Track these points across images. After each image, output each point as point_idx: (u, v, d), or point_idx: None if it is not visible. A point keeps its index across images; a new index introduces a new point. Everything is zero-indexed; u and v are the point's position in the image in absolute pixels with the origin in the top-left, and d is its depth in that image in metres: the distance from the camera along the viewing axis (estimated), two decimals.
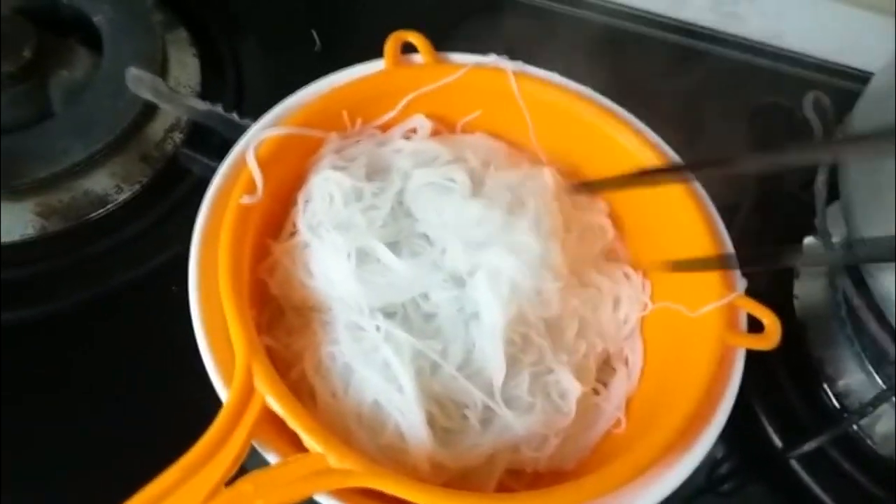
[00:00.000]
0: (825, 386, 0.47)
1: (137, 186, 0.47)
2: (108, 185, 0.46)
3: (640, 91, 0.46)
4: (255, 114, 0.41)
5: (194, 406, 0.32)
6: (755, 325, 0.38)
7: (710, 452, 0.46)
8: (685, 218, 0.40)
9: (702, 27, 0.65)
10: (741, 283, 0.39)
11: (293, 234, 0.39)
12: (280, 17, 0.59)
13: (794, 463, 0.44)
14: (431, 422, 0.35)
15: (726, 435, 0.46)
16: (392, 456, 0.34)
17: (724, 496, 0.46)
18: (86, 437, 0.39)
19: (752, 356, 0.44)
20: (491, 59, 0.44)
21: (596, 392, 0.40)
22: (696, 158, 0.41)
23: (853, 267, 0.41)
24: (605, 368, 0.42)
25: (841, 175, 0.42)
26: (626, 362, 0.41)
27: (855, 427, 0.45)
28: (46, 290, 0.43)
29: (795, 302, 0.49)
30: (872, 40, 0.44)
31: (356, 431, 0.34)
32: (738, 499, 0.47)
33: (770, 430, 0.46)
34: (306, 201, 0.39)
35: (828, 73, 0.62)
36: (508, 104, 0.44)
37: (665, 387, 0.38)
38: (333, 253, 0.36)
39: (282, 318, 0.39)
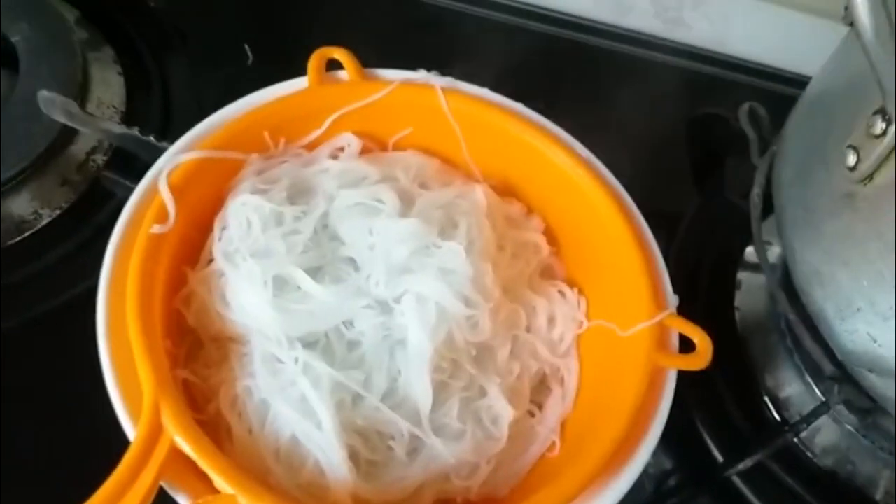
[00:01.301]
0: (766, 399, 0.47)
1: (58, 211, 0.45)
2: (26, 209, 0.45)
3: (577, 102, 0.46)
4: (181, 134, 0.39)
5: (106, 445, 0.30)
6: (689, 344, 0.38)
7: (656, 467, 0.46)
8: (618, 235, 0.39)
9: (646, 34, 0.65)
10: (673, 301, 0.38)
11: (210, 262, 0.37)
12: (212, 32, 0.57)
13: (734, 478, 0.44)
14: (354, 456, 0.34)
15: (670, 450, 0.47)
16: (313, 493, 0.33)
17: None
18: None
19: (693, 375, 0.43)
20: (420, 74, 0.43)
21: (531, 414, 0.40)
22: None
23: (789, 282, 0.41)
24: (541, 388, 0.41)
25: (774, 190, 0.42)
26: (562, 382, 0.41)
27: (795, 440, 0.45)
28: None
29: (736, 314, 0.49)
30: (814, 44, 0.44)
31: (274, 469, 0.33)
32: None
33: (711, 445, 0.45)
34: (223, 228, 0.37)
35: (770, 78, 0.62)
36: (440, 121, 0.43)
37: (598, 408, 0.38)
38: (249, 282, 0.35)
39: (201, 350, 0.37)
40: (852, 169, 0.33)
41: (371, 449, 0.34)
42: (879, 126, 0.31)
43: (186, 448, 0.30)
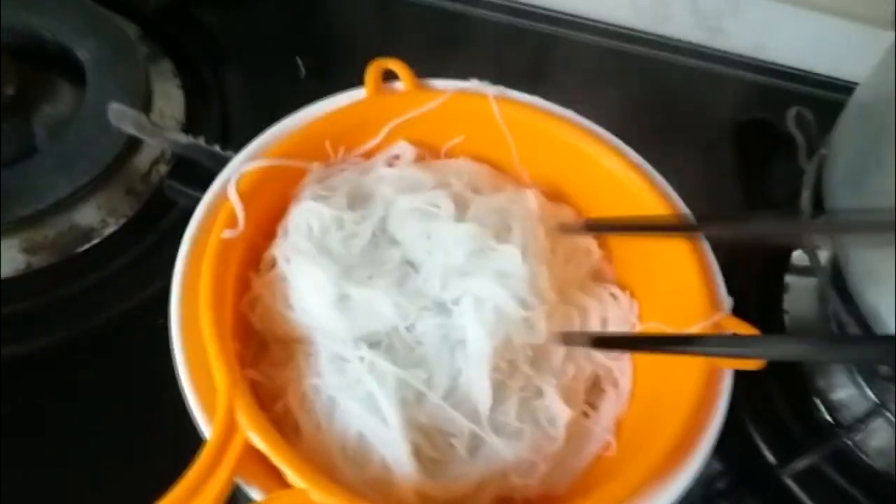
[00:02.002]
0: (817, 401, 0.47)
1: (123, 220, 0.47)
2: (93, 219, 0.46)
3: (625, 110, 0.46)
4: (240, 144, 0.41)
5: (180, 442, 0.31)
6: None
7: (706, 469, 0.46)
8: (674, 245, 0.40)
9: (687, 42, 0.65)
10: (727, 303, 0.39)
11: (273, 266, 0.39)
12: (265, 47, 0.59)
13: (787, 480, 0.44)
14: (417, 452, 0.34)
15: (720, 452, 0.47)
16: (378, 488, 0.34)
17: None
18: (71, 474, 0.39)
19: (744, 377, 0.44)
20: (472, 84, 0.44)
21: (585, 415, 0.40)
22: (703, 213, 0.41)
23: (841, 282, 0.41)
24: (595, 390, 0.41)
25: (825, 193, 0.42)
26: (616, 384, 0.41)
27: (849, 442, 0.45)
28: (33, 327, 0.43)
29: (785, 317, 0.49)
30: (856, 51, 0.44)
31: (341, 465, 0.34)
32: None
33: (763, 447, 0.45)
34: (285, 233, 0.39)
35: (812, 84, 0.62)
36: (491, 128, 0.44)
37: (654, 409, 0.38)
38: (311, 284, 0.36)
39: (266, 351, 0.39)
40: None
41: (433, 446, 0.35)
42: None
43: (260, 444, 0.31)
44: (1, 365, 0.42)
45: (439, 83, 0.44)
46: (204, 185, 0.39)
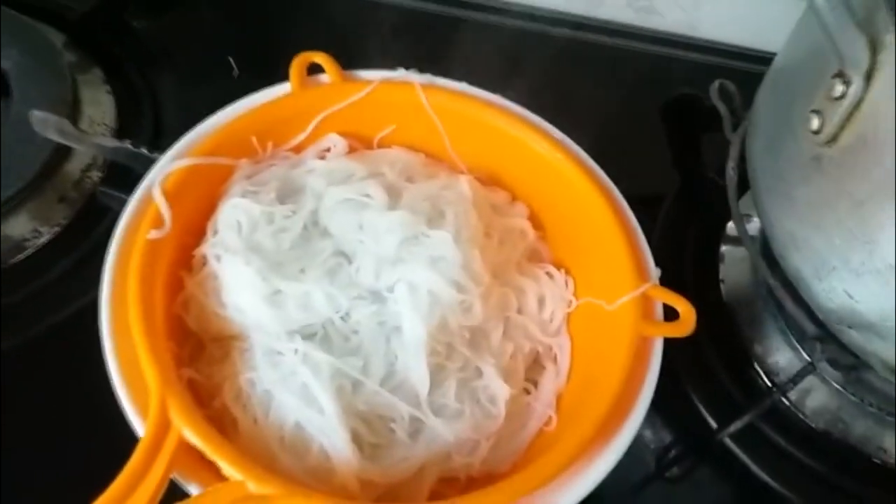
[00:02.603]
0: (756, 366, 0.48)
1: (57, 228, 0.47)
2: (25, 229, 0.46)
3: (555, 94, 0.47)
4: (171, 146, 0.41)
5: (117, 445, 0.31)
6: (675, 315, 0.39)
7: (656, 440, 0.47)
8: (598, 213, 0.41)
9: (619, 24, 0.66)
10: (655, 274, 0.40)
11: (204, 265, 0.38)
12: (197, 49, 0.59)
13: (730, 443, 0.45)
14: (357, 439, 0.35)
15: (668, 423, 0.48)
16: (319, 477, 0.34)
17: (671, 482, 0.47)
18: (9, 478, 0.39)
19: (683, 343, 0.44)
20: (399, 73, 0.45)
21: (527, 392, 0.41)
22: None
23: (769, 250, 0.42)
24: (535, 367, 0.42)
25: (747, 162, 0.43)
26: (555, 360, 0.42)
27: (784, 401, 0.46)
28: None
29: (722, 286, 0.50)
30: (781, 23, 0.45)
31: (280, 456, 0.34)
32: (686, 484, 0.47)
33: (706, 414, 0.46)
34: (214, 231, 0.39)
35: (743, 59, 0.64)
36: (422, 117, 0.44)
37: (590, 381, 0.39)
38: (242, 281, 0.36)
39: (203, 350, 0.39)
40: (817, 132, 0.34)
41: (373, 432, 0.36)
42: (839, 88, 0.33)
43: (194, 439, 0.31)
44: None
45: (367, 73, 0.45)
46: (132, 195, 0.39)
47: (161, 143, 0.48)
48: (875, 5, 0.31)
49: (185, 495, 0.31)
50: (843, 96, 0.32)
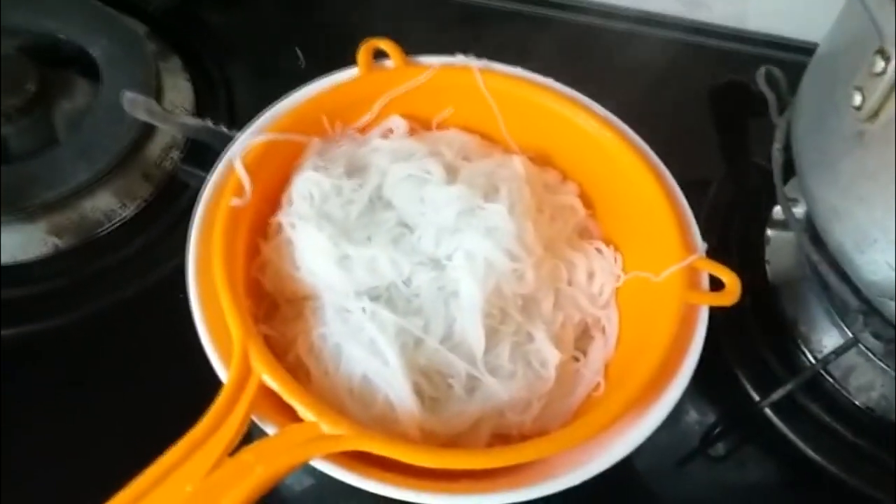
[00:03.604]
0: (801, 345, 0.49)
1: (141, 202, 0.50)
2: (112, 202, 0.50)
3: (605, 81, 0.49)
4: (246, 127, 0.44)
5: (200, 394, 0.35)
6: (720, 288, 0.41)
7: (701, 417, 0.49)
8: (646, 188, 0.43)
9: (667, 16, 0.68)
10: (702, 247, 0.42)
11: (279, 232, 0.42)
12: (266, 41, 0.63)
13: (774, 418, 0.46)
14: (419, 392, 0.38)
15: (712, 398, 0.49)
16: (384, 425, 0.37)
17: (715, 458, 0.48)
18: (106, 425, 0.43)
19: (729, 322, 0.46)
20: (458, 58, 0.47)
21: (576, 359, 0.43)
22: None
23: (813, 230, 0.44)
24: (585, 337, 0.44)
25: (792, 142, 0.45)
26: (604, 331, 0.44)
27: (831, 380, 0.47)
28: (63, 303, 0.47)
29: (767, 267, 0.52)
30: (824, 15, 0.46)
31: (349, 405, 0.37)
32: (730, 459, 0.48)
33: (750, 388, 0.48)
34: (289, 201, 0.42)
35: (788, 49, 0.65)
36: (478, 100, 0.47)
37: (637, 349, 0.41)
38: (315, 247, 0.40)
39: (277, 310, 0.42)
40: (859, 108, 0.36)
41: (433, 386, 0.38)
42: (879, 65, 0.34)
43: (273, 384, 0.34)
44: (34, 340, 0.46)
45: (427, 59, 0.47)
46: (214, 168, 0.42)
47: (235, 124, 0.52)
48: None
49: (264, 435, 0.34)
50: (883, 72, 0.34)
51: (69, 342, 0.46)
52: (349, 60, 0.46)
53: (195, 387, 0.35)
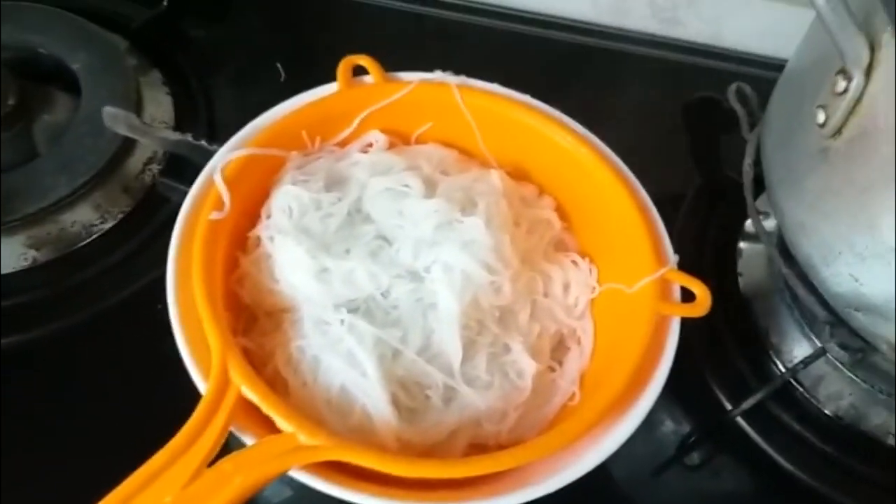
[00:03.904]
0: (772, 355, 0.50)
1: (120, 216, 0.51)
2: (92, 216, 0.50)
3: (581, 97, 0.50)
4: (226, 141, 0.45)
5: (178, 405, 0.35)
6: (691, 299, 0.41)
7: (673, 425, 0.50)
8: (619, 202, 0.44)
9: (644, 34, 0.70)
10: (673, 259, 0.43)
11: (257, 245, 0.42)
12: (247, 55, 0.63)
13: (746, 427, 0.47)
14: (396, 402, 0.38)
15: (685, 408, 0.50)
16: (361, 436, 0.37)
17: (688, 467, 0.49)
18: (84, 436, 0.43)
19: (701, 333, 0.47)
20: (436, 75, 0.48)
21: (552, 369, 0.44)
22: None
23: (782, 242, 0.45)
24: (560, 348, 0.45)
25: (762, 158, 0.46)
26: (579, 342, 0.45)
27: (801, 389, 0.49)
28: (42, 315, 0.47)
29: (740, 279, 0.53)
30: (796, 32, 0.48)
31: (327, 415, 0.37)
32: (702, 468, 0.49)
33: (722, 398, 0.49)
34: (268, 215, 0.42)
35: (760, 66, 0.66)
36: (456, 115, 0.48)
37: (612, 359, 0.42)
38: (294, 260, 0.40)
39: (255, 323, 0.42)
40: (823, 125, 0.37)
41: (410, 397, 0.39)
42: (841, 84, 0.35)
43: (251, 395, 0.35)
44: (11, 352, 0.46)
45: (406, 75, 0.48)
46: (194, 182, 0.42)
47: (214, 137, 0.52)
48: (873, 7, 0.34)
49: (242, 446, 0.35)
50: (845, 91, 0.35)
51: (47, 354, 0.46)
52: (329, 76, 0.47)
53: (173, 398, 0.35)
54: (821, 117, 0.37)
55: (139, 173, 0.52)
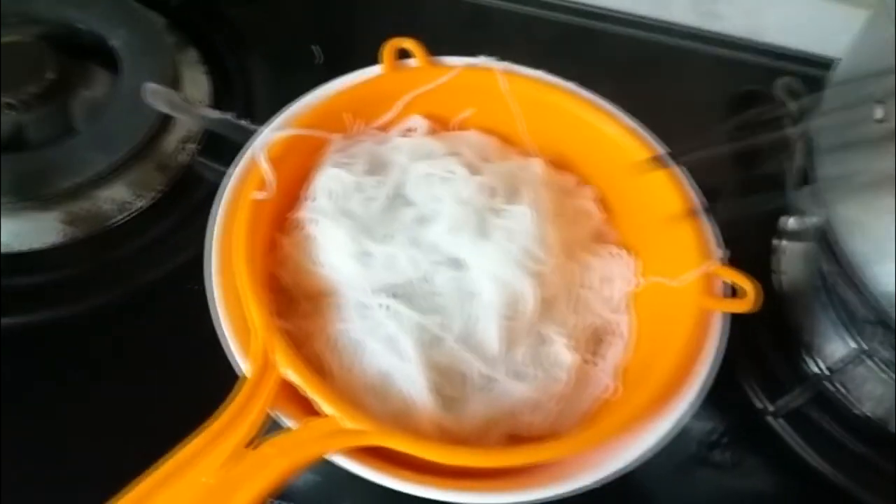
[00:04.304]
0: (808, 355, 0.50)
1: (155, 194, 0.50)
2: (127, 193, 0.50)
3: (622, 87, 0.49)
4: (264, 122, 0.44)
5: (214, 388, 0.34)
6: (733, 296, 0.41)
7: (704, 424, 0.49)
8: (667, 201, 0.43)
9: (684, 26, 0.69)
10: (719, 254, 0.42)
11: (299, 227, 0.42)
12: (284, 36, 0.63)
13: (781, 428, 0.47)
14: (435, 390, 0.38)
15: (720, 406, 0.50)
16: (400, 421, 0.37)
17: (722, 467, 0.49)
18: (121, 416, 0.43)
19: (738, 331, 0.46)
20: (481, 60, 0.48)
21: (592, 362, 0.43)
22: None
23: (824, 239, 0.44)
24: (600, 341, 0.44)
25: (813, 153, 0.45)
26: (619, 335, 0.44)
27: (831, 386, 0.48)
28: (74, 293, 0.47)
29: (776, 277, 0.52)
30: (837, 28, 0.47)
31: (366, 400, 0.37)
32: (737, 469, 0.49)
33: (757, 398, 0.48)
34: (310, 197, 0.42)
35: (798, 62, 0.65)
36: (499, 102, 0.47)
37: (653, 354, 0.41)
38: (336, 242, 0.40)
39: (294, 305, 0.42)
40: (881, 122, 0.36)
41: (450, 384, 0.38)
42: None
43: (295, 378, 0.35)
44: (43, 329, 0.46)
45: (450, 59, 0.48)
46: (230, 162, 0.42)
47: (252, 118, 0.52)
48: None
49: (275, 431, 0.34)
50: None
51: (79, 332, 0.46)
52: (365, 59, 0.47)
53: (206, 380, 0.35)
54: (879, 113, 0.37)
55: (175, 152, 0.52)
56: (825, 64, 0.47)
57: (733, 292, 0.41)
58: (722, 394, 0.48)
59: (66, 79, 0.52)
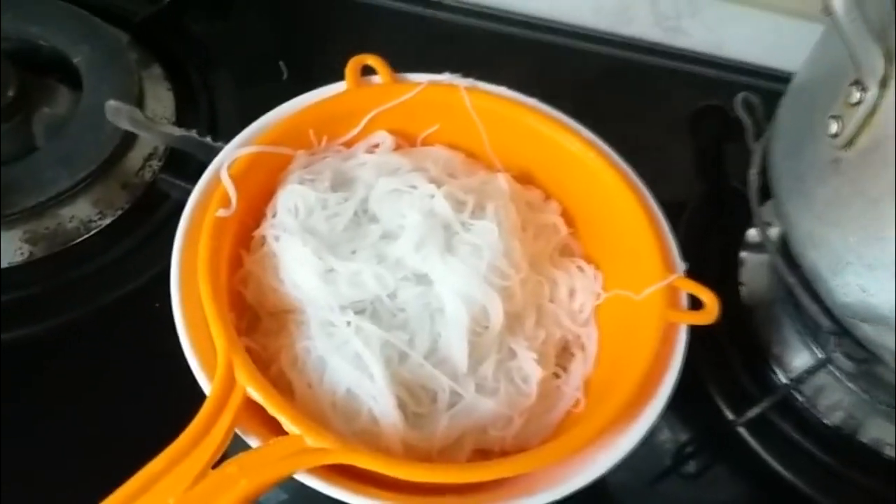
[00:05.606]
0: (773, 365, 0.50)
1: (119, 212, 0.50)
2: (91, 211, 0.49)
3: (584, 103, 0.50)
4: (228, 138, 0.44)
5: (179, 406, 0.34)
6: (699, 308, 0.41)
7: (673, 435, 0.50)
8: (628, 208, 0.44)
9: (647, 42, 0.70)
10: (681, 266, 0.42)
11: (262, 244, 0.42)
12: (248, 52, 0.63)
13: (747, 437, 0.47)
14: (402, 407, 0.37)
15: (686, 417, 0.50)
16: (366, 440, 0.37)
17: (688, 476, 0.49)
18: (84, 436, 0.42)
19: (703, 342, 0.47)
20: (445, 76, 0.48)
21: (556, 376, 0.43)
22: None
23: (787, 251, 0.45)
24: (565, 354, 0.45)
25: (769, 167, 0.46)
26: (584, 348, 0.44)
27: (802, 399, 0.49)
28: (36, 312, 0.46)
29: (741, 289, 0.53)
30: (801, 44, 0.48)
31: (332, 418, 0.37)
32: (703, 478, 0.49)
33: (724, 408, 0.48)
34: (273, 214, 0.42)
35: (763, 77, 0.67)
36: (463, 118, 0.47)
37: (618, 366, 0.41)
38: (299, 260, 0.40)
39: (258, 323, 0.42)
40: (835, 136, 0.37)
41: (416, 401, 0.38)
42: (856, 95, 0.35)
43: (258, 396, 0.34)
44: (7, 347, 0.45)
45: (414, 76, 0.48)
46: (195, 179, 0.42)
47: (216, 135, 0.52)
48: (890, 19, 0.34)
49: (243, 449, 0.34)
50: (859, 102, 0.35)
51: (42, 351, 0.46)
52: (330, 76, 0.47)
53: (171, 398, 0.35)
54: (833, 128, 0.37)
55: (139, 169, 0.51)
56: (786, 78, 0.48)
57: (698, 304, 0.41)
58: (690, 405, 0.49)
59: (28, 95, 0.52)
